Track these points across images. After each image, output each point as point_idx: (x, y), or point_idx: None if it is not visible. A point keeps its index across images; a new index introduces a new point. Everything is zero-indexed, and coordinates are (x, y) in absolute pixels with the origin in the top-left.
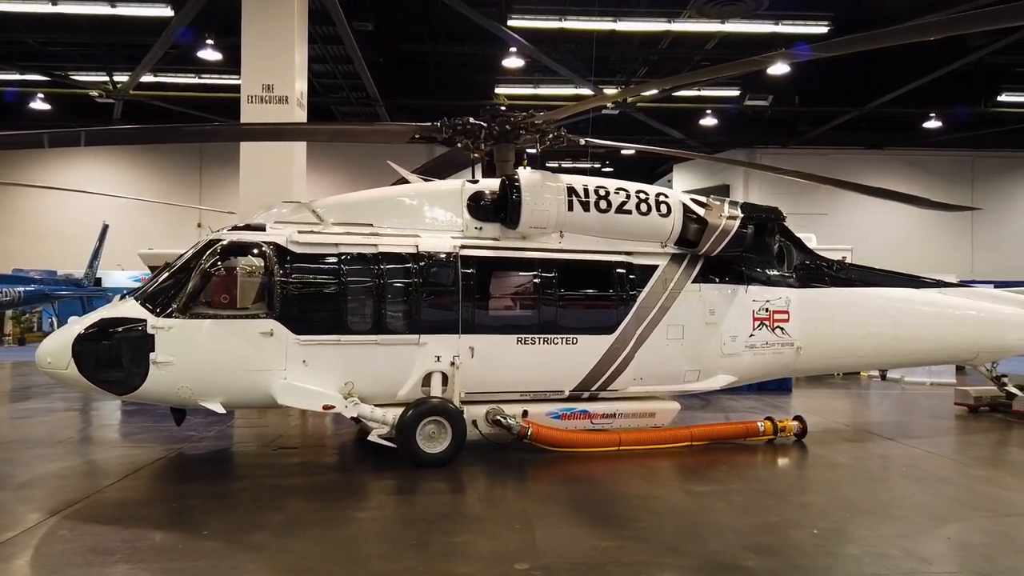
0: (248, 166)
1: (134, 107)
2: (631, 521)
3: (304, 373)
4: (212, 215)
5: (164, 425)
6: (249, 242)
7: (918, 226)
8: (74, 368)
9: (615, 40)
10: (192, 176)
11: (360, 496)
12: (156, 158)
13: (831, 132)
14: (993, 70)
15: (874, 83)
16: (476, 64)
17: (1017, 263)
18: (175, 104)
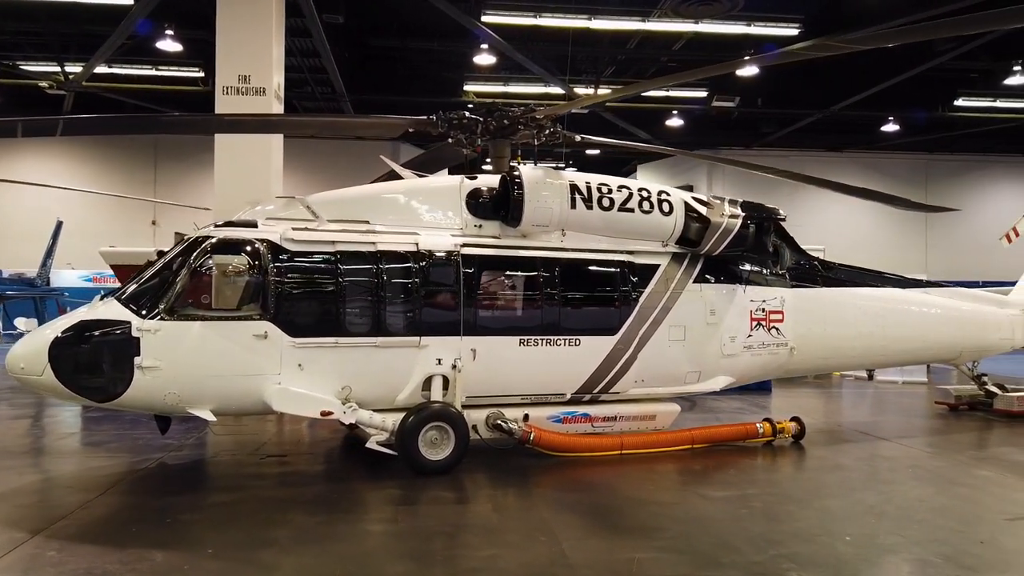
0: (224, 161)
1: (86, 99)
2: (657, 530)
3: (299, 378)
4: (168, 212)
5: (137, 432)
6: (241, 239)
7: (875, 227)
8: (50, 374)
9: (584, 39)
10: (146, 172)
11: (366, 507)
12: (108, 152)
13: (793, 134)
14: (952, 75)
15: (838, 86)
16: (444, 61)
17: (969, 263)
18: (130, 96)
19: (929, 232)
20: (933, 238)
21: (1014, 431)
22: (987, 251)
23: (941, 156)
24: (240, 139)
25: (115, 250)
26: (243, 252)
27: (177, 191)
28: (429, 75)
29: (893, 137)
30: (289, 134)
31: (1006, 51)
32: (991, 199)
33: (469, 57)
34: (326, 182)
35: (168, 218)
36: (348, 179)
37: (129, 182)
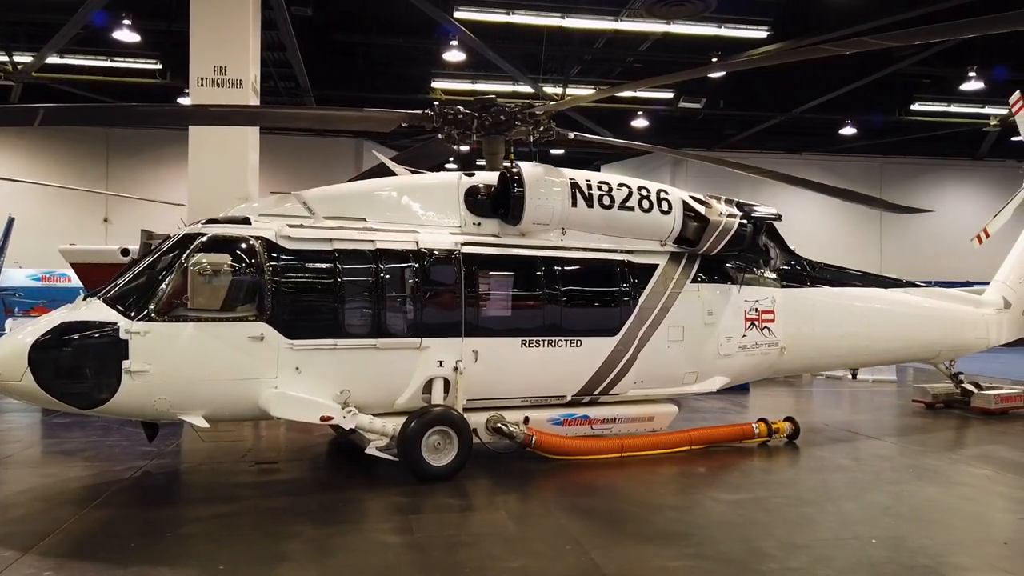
0: (198, 156)
1: (35, 90)
2: (682, 536)
3: (297, 381)
4: (120, 209)
5: (110, 440)
6: (235, 236)
7: (832, 227)
8: (30, 379)
9: (553, 38)
10: (98, 167)
11: (373, 516)
12: (57, 146)
13: (755, 136)
14: (909, 80)
15: (800, 89)
16: (410, 57)
17: (921, 264)
18: (82, 88)
19: (884, 233)
20: (888, 239)
21: (996, 429)
22: (939, 253)
23: (895, 159)
24: (215, 134)
25: (75, 248)
26: (238, 250)
27: (130, 187)
28: (393, 72)
29: (851, 140)
30: (277, 127)
31: (960, 58)
32: (943, 201)
33: (436, 54)
34: (287, 180)
35: (120, 215)
36: (309, 175)
37: (79, 178)
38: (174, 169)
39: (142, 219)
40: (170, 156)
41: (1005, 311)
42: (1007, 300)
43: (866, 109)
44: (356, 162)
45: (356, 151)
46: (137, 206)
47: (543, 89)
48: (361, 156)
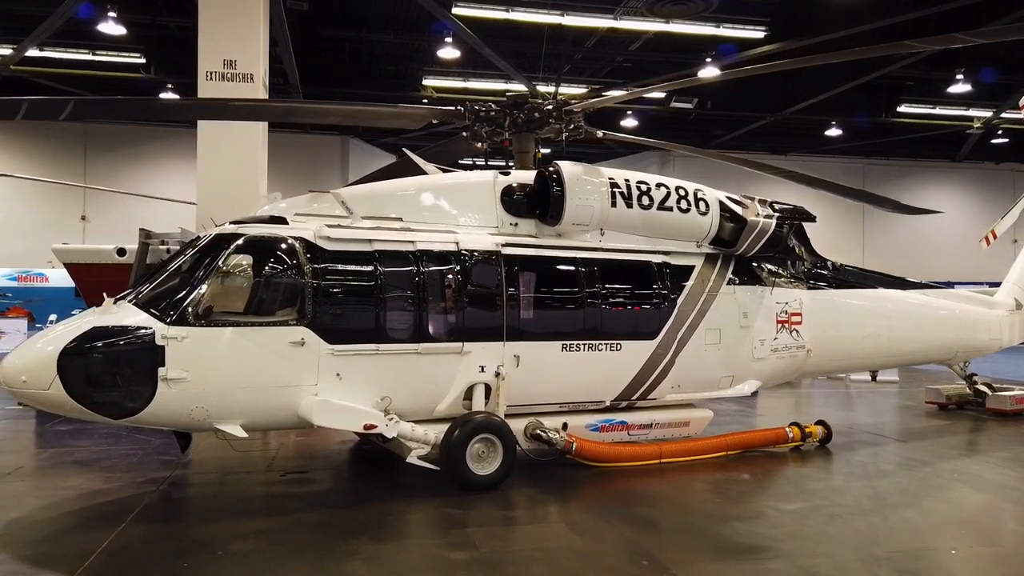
0: (207, 154)
1: (11, 84)
2: (761, 549)
3: (337, 388)
4: (99, 208)
5: (123, 447)
6: (274, 237)
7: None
8: (59, 388)
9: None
10: (75, 163)
11: (430, 530)
12: (34, 142)
13: (742, 136)
14: (895, 82)
15: (789, 90)
16: (399, 54)
17: (903, 266)
18: (62, 82)
19: (867, 232)
20: (870, 238)
21: (1017, 430)
22: (921, 252)
23: (877, 160)
24: (224, 131)
25: (69, 247)
26: (278, 251)
27: (108, 184)
28: (380, 68)
29: (835, 141)
30: (307, 122)
31: (947, 62)
32: (924, 202)
33: (427, 51)
34: (272, 178)
35: (99, 213)
36: (294, 173)
37: (56, 174)
38: (153, 166)
39: (121, 217)
40: (149, 153)
41: (1017, 312)
42: (1018, 301)
43: (853, 111)
44: (342, 159)
45: (342, 148)
46: (116, 204)
47: (536, 88)
48: (347, 153)
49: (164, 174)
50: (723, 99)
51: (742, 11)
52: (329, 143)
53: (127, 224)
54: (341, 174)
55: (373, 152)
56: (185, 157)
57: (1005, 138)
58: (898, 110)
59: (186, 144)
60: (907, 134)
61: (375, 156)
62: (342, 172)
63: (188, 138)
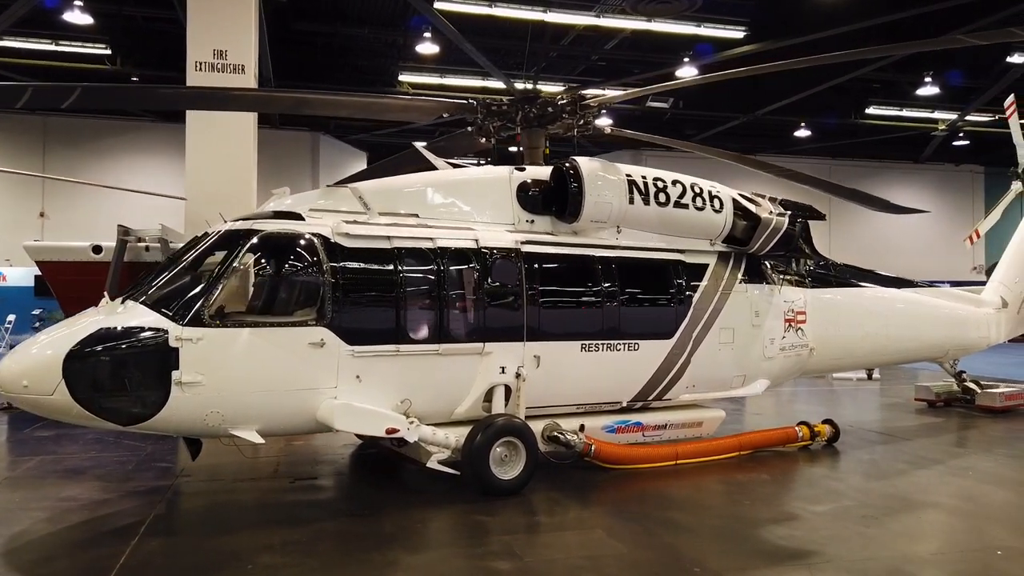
0: (196, 148)
1: None
2: (808, 554)
3: (357, 391)
4: (56, 204)
5: (113, 453)
6: (292, 233)
7: None
8: (64, 393)
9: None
10: (34, 158)
11: (465, 538)
12: None
13: (714, 137)
14: (864, 84)
15: (761, 91)
16: (373, 50)
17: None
18: (21, 73)
19: (833, 233)
20: (837, 239)
21: (1011, 427)
22: (885, 251)
23: (844, 161)
24: (214, 125)
25: (42, 245)
26: (296, 249)
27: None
28: (352, 63)
29: (804, 142)
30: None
31: (914, 65)
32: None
33: (401, 46)
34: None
35: (59, 210)
36: (264, 169)
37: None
38: (115, 160)
39: (83, 213)
40: (111, 147)
41: (1003, 310)
42: (1004, 299)
43: (823, 112)
44: (312, 156)
45: (312, 145)
46: (77, 200)
47: (515, 85)
48: (318, 150)
49: (127, 169)
50: (697, 99)
51: (720, 11)
52: (300, 139)
53: (89, 221)
54: (312, 171)
55: (344, 148)
56: (150, 152)
57: (966, 140)
58: (866, 112)
59: (150, 139)
60: (873, 136)
61: (346, 152)
62: (312, 169)
63: (152, 133)
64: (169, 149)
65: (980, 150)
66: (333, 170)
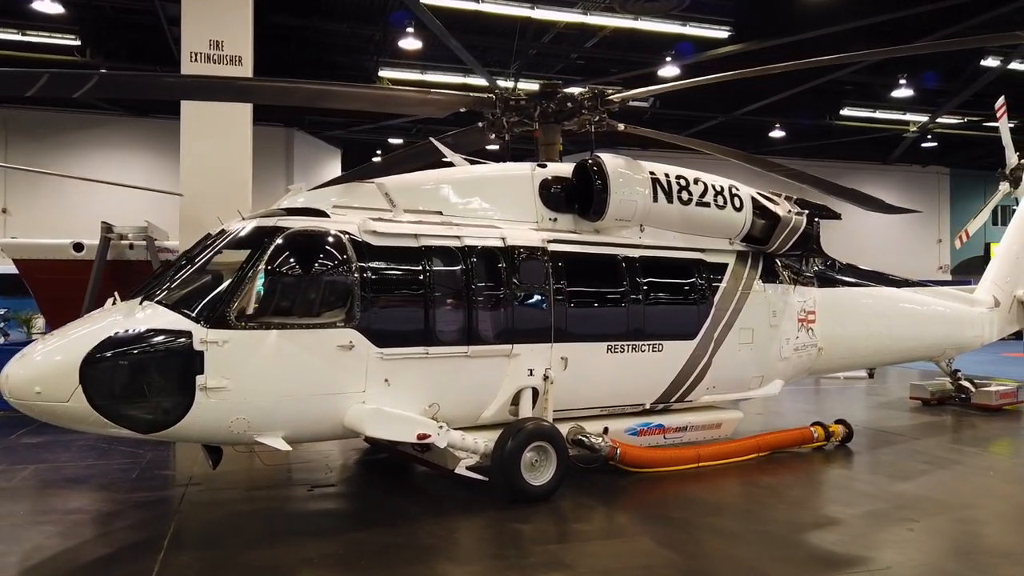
0: (190, 142)
1: None
2: (863, 560)
3: (385, 395)
4: (18, 199)
5: (110, 462)
6: (322, 231)
7: None
8: (81, 399)
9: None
10: None
11: (507, 549)
12: None
13: (691, 136)
14: (839, 86)
15: (738, 92)
16: (350, 45)
17: None
18: None
19: None
20: None
21: (1011, 425)
22: (854, 251)
23: (816, 161)
24: (209, 119)
25: (19, 242)
26: (325, 247)
27: (29, 175)
28: (328, 59)
29: (778, 143)
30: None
31: (889, 67)
32: None
33: (380, 42)
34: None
35: (22, 208)
36: None
37: None
38: (80, 155)
39: (47, 210)
40: (75, 143)
41: (996, 309)
42: (997, 299)
43: (799, 113)
44: (286, 151)
45: (287, 140)
46: (40, 196)
47: (496, 82)
48: (292, 146)
49: (93, 163)
50: (676, 99)
51: (704, 10)
52: (273, 135)
53: (54, 217)
54: (286, 167)
55: (318, 145)
56: (116, 146)
57: (934, 142)
58: (841, 113)
59: (117, 133)
60: (846, 136)
61: (320, 149)
62: (287, 165)
63: (119, 127)
64: (136, 143)
65: (946, 152)
66: (307, 166)
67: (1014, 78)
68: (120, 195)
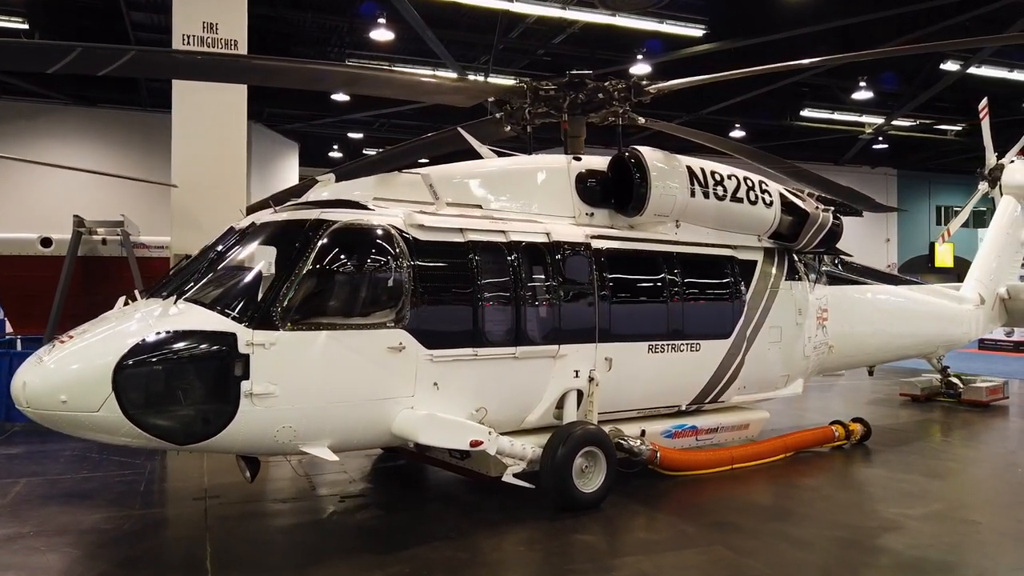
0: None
1: None
2: (951, 567)
3: (434, 400)
4: None
5: (110, 474)
6: (371, 225)
7: None
8: (114, 409)
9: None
10: None
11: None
12: None
13: (654, 136)
14: (799, 88)
15: (704, 90)
16: (315, 37)
17: None
18: None
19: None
20: None
21: (1006, 420)
22: None
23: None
24: (202, 111)
25: None
26: (375, 241)
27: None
28: (295, 51)
29: (740, 143)
30: (366, 93)
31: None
32: None
33: (346, 33)
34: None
35: None
36: None
37: None
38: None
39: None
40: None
41: (981, 307)
42: (982, 296)
43: (760, 113)
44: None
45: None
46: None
47: (467, 76)
48: (250, 139)
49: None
50: None
51: (678, 8)
52: None
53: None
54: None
55: (276, 138)
56: (62, 136)
57: (885, 144)
58: (801, 114)
59: (63, 122)
60: (803, 137)
61: (278, 142)
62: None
63: (65, 116)
64: (85, 134)
65: (895, 154)
66: (265, 160)
67: (971, 82)
68: (63, 184)
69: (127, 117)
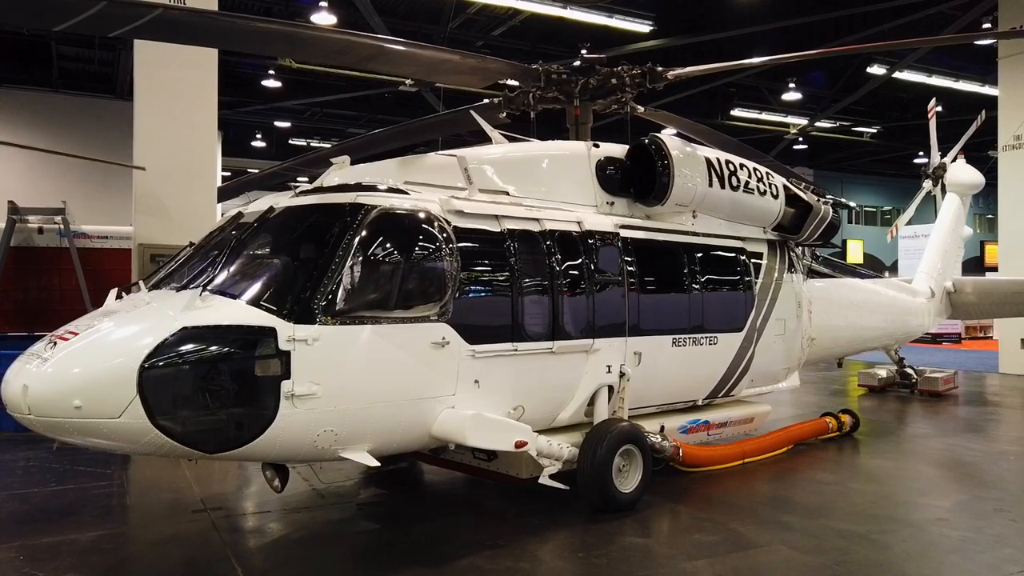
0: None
1: None
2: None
3: (476, 398)
4: None
5: (89, 485)
6: (413, 210)
7: None
8: (138, 415)
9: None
10: None
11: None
12: None
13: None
14: (728, 89)
15: None
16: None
17: None
18: None
19: None
20: None
21: (967, 409)
22: None
23: None
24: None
25: None
26: (418, 228)
27: None
28: None
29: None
30: (386, 70)
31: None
32: None
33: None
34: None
35: None
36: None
37: None
38: None
39: None
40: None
41: (932, 300)
42: (932, 290)
43: (691, 113)
44: None
45: None
46: None
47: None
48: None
49: None
50: None
51: (626, 3)
52: None
53: None
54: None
55: None
56: None
57: (805, 144)
58: (731, 113)
59: None
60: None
61: None
62: None
63: None
64: None
65: (813, 154)
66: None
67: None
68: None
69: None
